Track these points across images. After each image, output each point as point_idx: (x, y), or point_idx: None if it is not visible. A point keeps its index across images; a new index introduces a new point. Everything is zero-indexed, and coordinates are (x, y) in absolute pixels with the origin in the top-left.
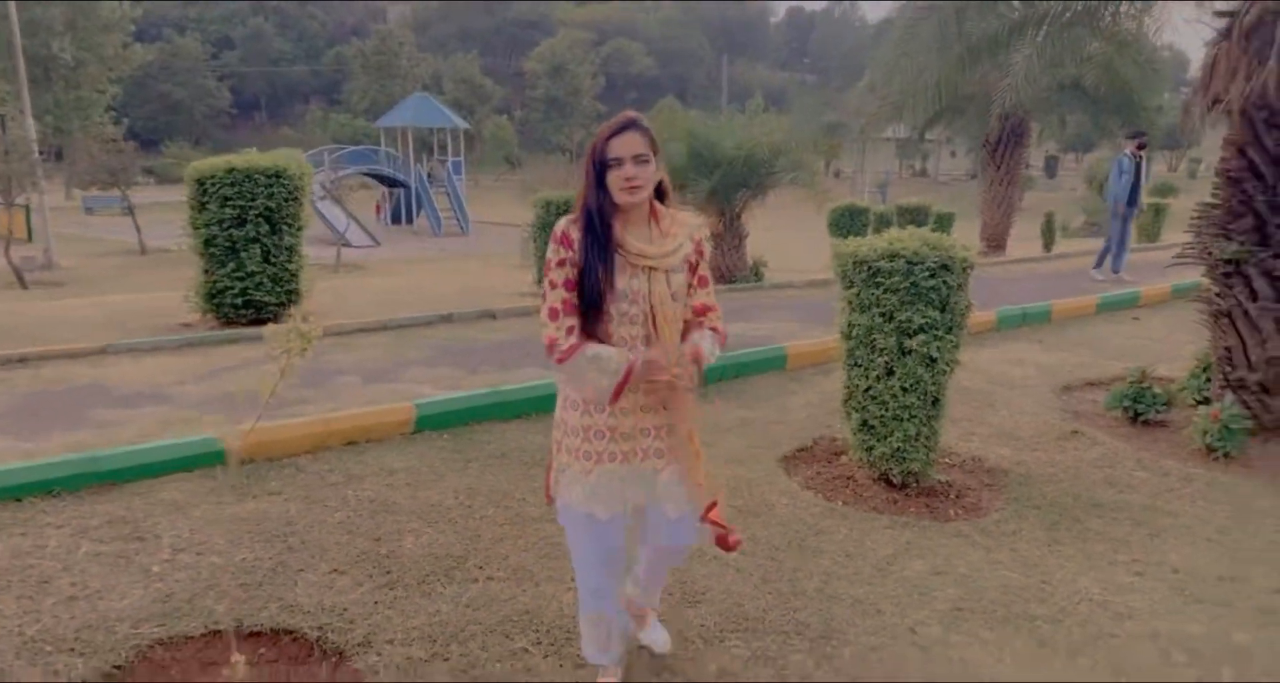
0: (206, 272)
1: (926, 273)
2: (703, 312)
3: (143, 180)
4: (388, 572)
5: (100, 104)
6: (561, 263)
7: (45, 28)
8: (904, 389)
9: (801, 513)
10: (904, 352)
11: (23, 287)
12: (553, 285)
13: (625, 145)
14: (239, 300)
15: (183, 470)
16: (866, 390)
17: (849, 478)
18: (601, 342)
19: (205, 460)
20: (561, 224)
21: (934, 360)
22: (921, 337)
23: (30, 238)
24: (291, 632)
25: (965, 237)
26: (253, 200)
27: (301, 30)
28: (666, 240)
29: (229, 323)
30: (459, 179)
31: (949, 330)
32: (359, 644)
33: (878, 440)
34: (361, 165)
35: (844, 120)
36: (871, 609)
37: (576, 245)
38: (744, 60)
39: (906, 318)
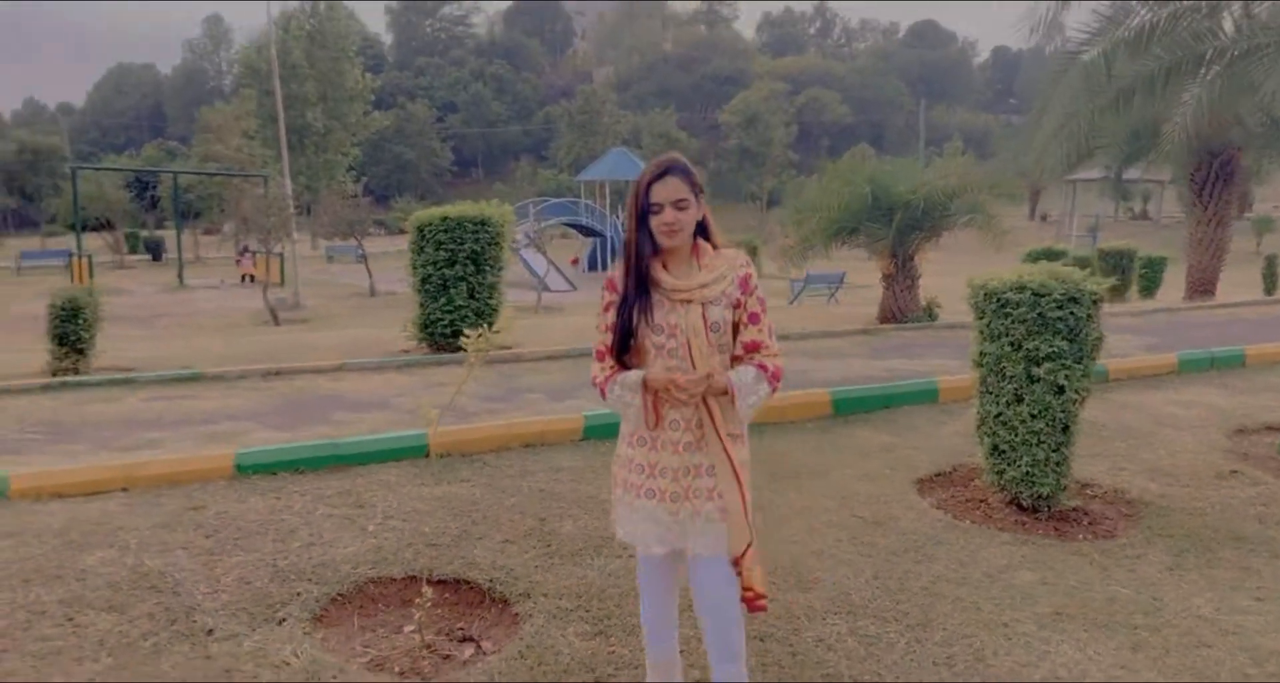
0: (422, 305)
1: (1054, 304)
2: (753, 348)
3: (374, 231)
4: (548, 545)
5: (343, 165)
6: (608, 307)
7: (301, 100)
8: (1032, 416)
9: (924, 526)
10: (1032, 379)
11: (276, 323)
12: (599, 329)
13: (666, 191)
14: (448, 330)
15: (396, 459)
16: (997, 416)
17: (982, 501)
18: None
19: (413, 452)
20: (611, 272)
21: (1062, 389)
22: (1049, 365)
23: (283, 282)
24: (469, 582)
25: (1177, 282)
26: (461, 244)
27: (515, 94)
28: (703, 274)
29: (439, 349)
30: None
31: (1078, 360)
32: (520, 594)
33: (1008, 465)
34: (562, 216)
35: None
36: (971, 607)
37: (619, 286)
38: (944, 104)
39: (1034, 347)
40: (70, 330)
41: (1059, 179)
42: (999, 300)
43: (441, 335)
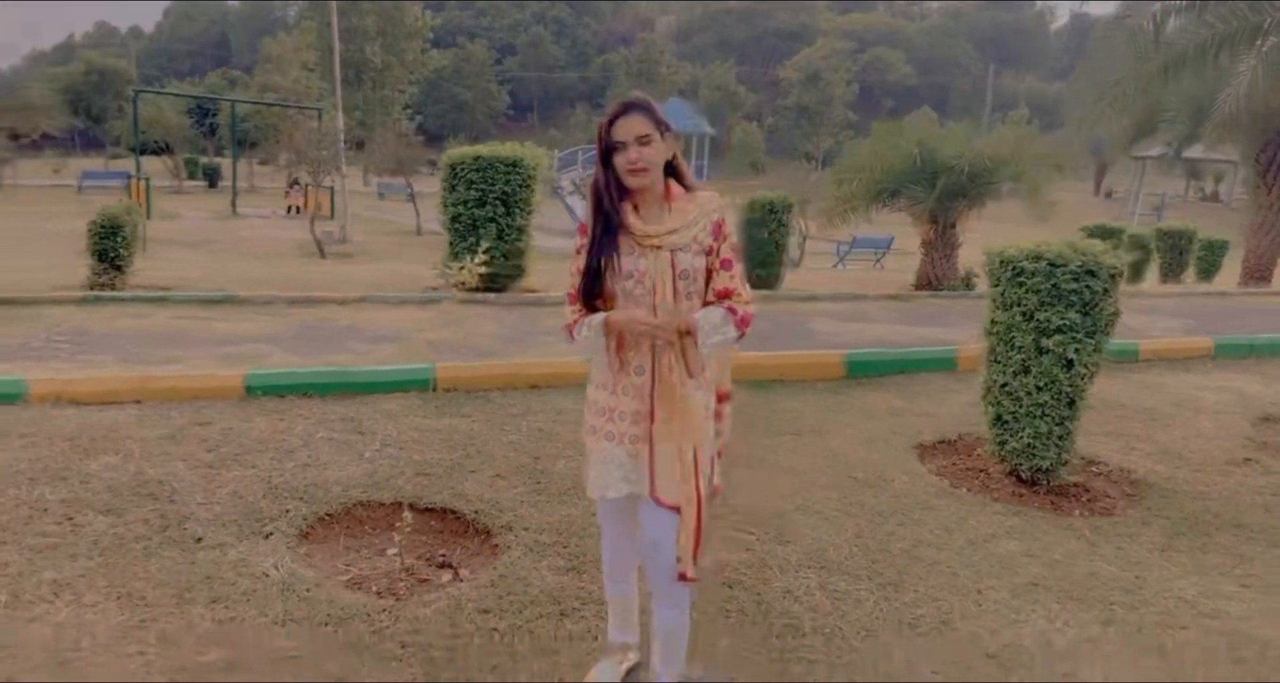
0: (451, 244)
1: (1069, 276)
2: (725, 294)
3: (425, 171)
4: (538, 482)
5: (399, 102)
6: (579, 250)
7: (360, 34)
8: (1038, 387)
9: (917, 491)
10: (1040, 351)
11: (321, 256)
12: (571, 273)
13: (628, 128)
14: (476, 270)
15: (402, 390)
16: (1003, 386)
17: (981, 470)
18: None
19: (419, 385)
20: (585, 220)
21: (1071, 362)
22: (1059, 337)
23: (333, 215)
24: (455, 512)
25: (1237, 267)
26: (493, 185)
27: (575, 38)
28: (673, 218)
29: (468, 288)
30: (702, 182)
31: (1090, 334)
32: (503, 526)
33: (1010, 435)
34: None
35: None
36: (947, 571)
37: (592, 231)
38: (1014, 70)
39: (1045, 318)
40: (109, 247)
41: (1118, 153)
42: (1014, 269)
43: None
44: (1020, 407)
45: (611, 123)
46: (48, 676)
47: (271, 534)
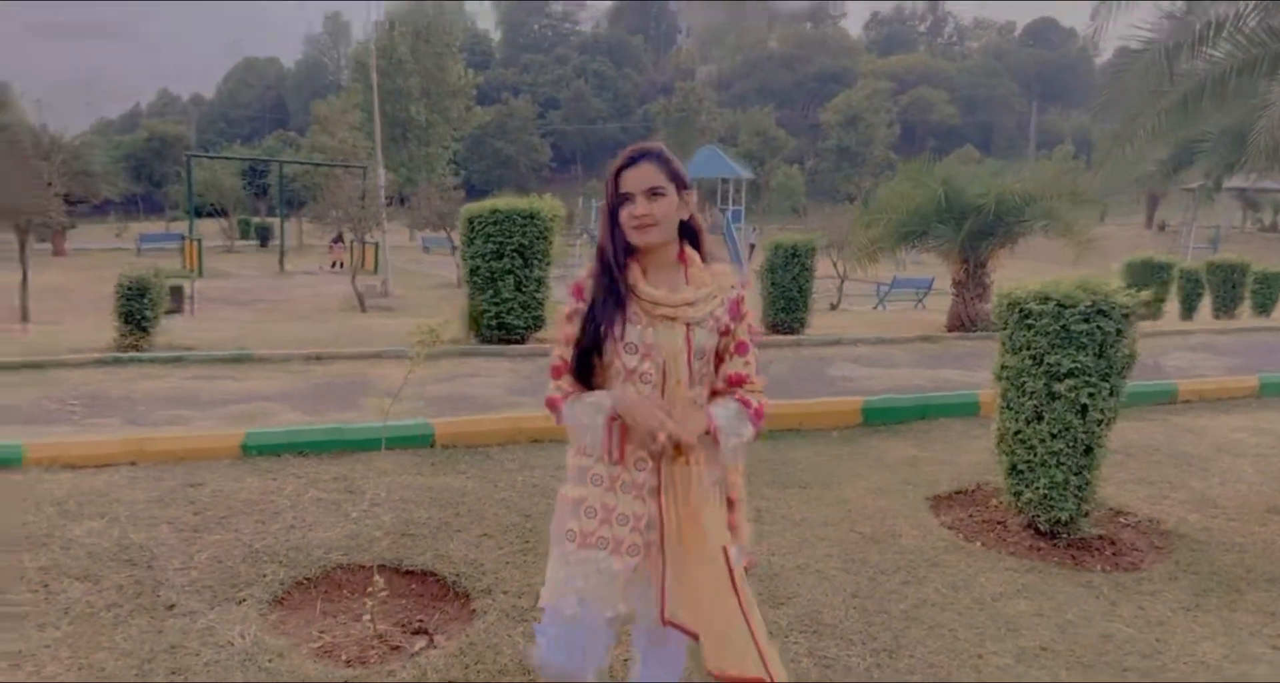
0: (470, 297)
1: (1079, 317)
2: (737, 382)
3: None
4: (525, 541)
5: (444, 158)
6: (570, 317)
7: (405, 94)
8: (1052, 435)
9: (925, 546)
10: (1053, 396)
11: (362, 310)
12: (558, 341)
13: (638, 178)
14: (494, 322)
15: (400, 447)
16: (1016, 434)
17: (998, 522)
18: None
19: (419, 441)
20: (579, 274)
21: (1085, 408)
22: (1070, 382)
23: (376, 270)
24: (435, 574)
25: None
26: (510, 237)
27: (616, 91)
28: (690, 290)
29: (485, 341)
30: (738, 227)
31: (1104, 378)
32: (482, 590)
33: (1025, 485)
34: None
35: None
36: (948, 635)
37: (587, 293)
38: (1059, 106)
39: (1055, 361)
40: (135, 309)
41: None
42: (1021, 311)
43: (488, 327)
44: (1034, 455)
45: (619, 173)
46: None
47: (245, 600)
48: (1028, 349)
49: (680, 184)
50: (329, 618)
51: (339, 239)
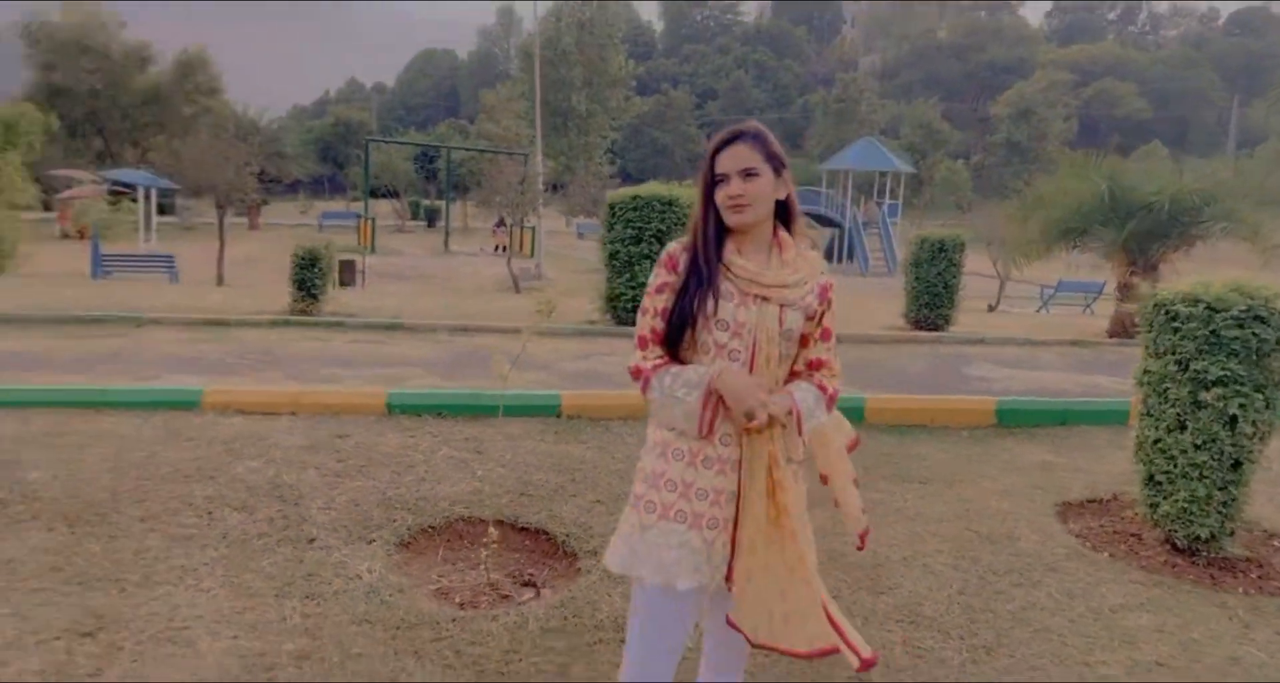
0: (608, 280)
1: (1231, 322)
2: (817, 366)
3: None
4: None
5: (601, 147)
6: (661, 289)
7: (568, 84)
8: (1195, 446)
9: (1045, 551)
10: (1198, 405)
11: (516, 291)
12: (644, 312)
13: (733, 158)
14: (629, 305)
15: (528, 415)
16: (1155, 443)
17: (1133, 535)
18: None
19: (546, 411)
20: (671, 247)
21: (1235, 419)
22: (1218, 390)
23: (532, 254)
24: (548, 532)
25: None
26: (648, 223)
27: (776, 81)
28: (785, 271)
29: (620, 322)
30: (893, 222)
31: (1258, 389)
32: (589, 551)
33: (1162, 497)
34: (800, 205)
35: None
36: (1055, 639)
37: (681, 268)
38: (1266, 101)
39: (1202, 368)
40: (307, 277)
41: None
42: (1167, 313)
43: (624, 309)
44: (1174, 466)
45: (716, 153)
46: (153, 647)
47: (374, 541)
48: (1172, 354)
49: (777, 164)
50: (448, 564)
51: (501, 223)
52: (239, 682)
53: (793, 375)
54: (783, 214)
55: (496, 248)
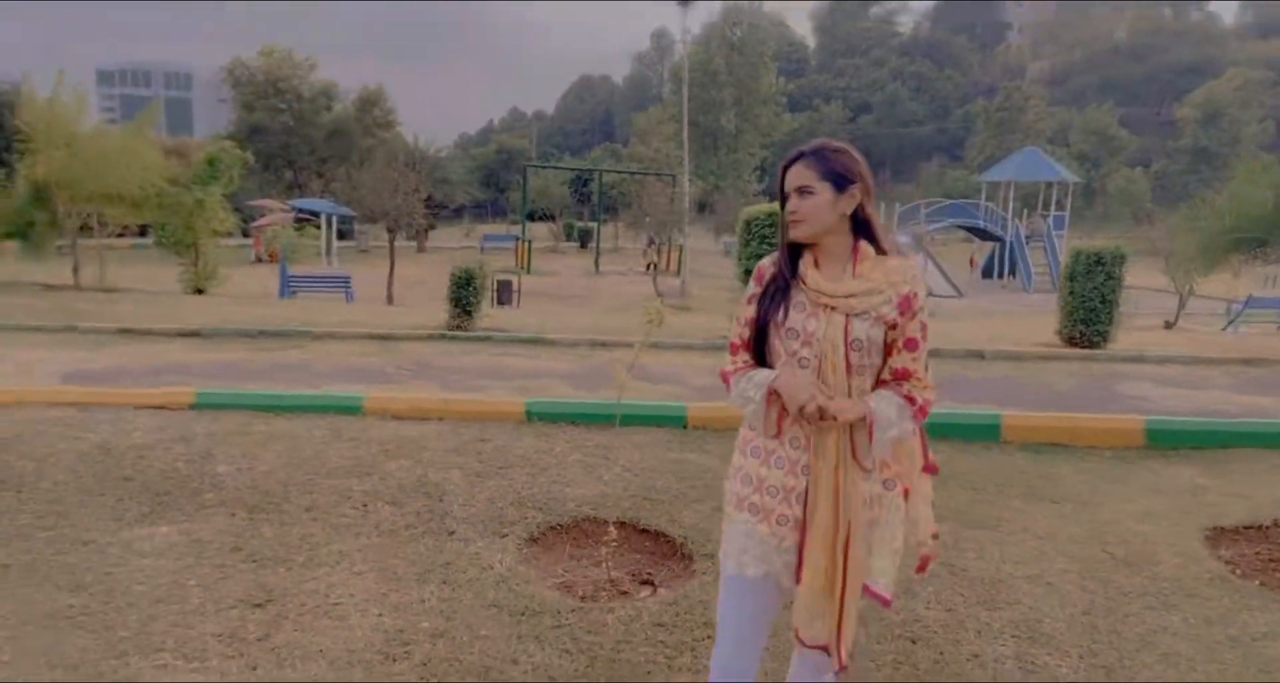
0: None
1: None
2: (903, 376)
3: None
4: None
5: (750, 165)
6: (750, 299)
7: (718, 105)
8: None
9: (1187, 576)
10: None
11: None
12: (736, 321)
13: (792, 177)
14: None
15: (656, 425)
16: None
17: None
18: None
19: (674, 422)
20: (763, 260)
21: None
22: None
23: (679, 272)
24: (667, 535)
25: None
26: None
27: (934, 92)
28: (855, 283)
29: None
30: (1059, 235)
31: None
32: (705, 555)
33: None
34: (956, 218)
35: None
36: (1184, 665)
37: (765, 280)
38: None
39: None
40: (463, 295)
41: None
42: None
43: None
44: None
45: (784, 172)
46: (311, 620)
47: (507, 535)
48: None
49: (838, 181)
50: (573, 560)
51: (651, 242)
52: (381, 653)
53: (880, 385)
54: (861, 226)
55: (647, 267)
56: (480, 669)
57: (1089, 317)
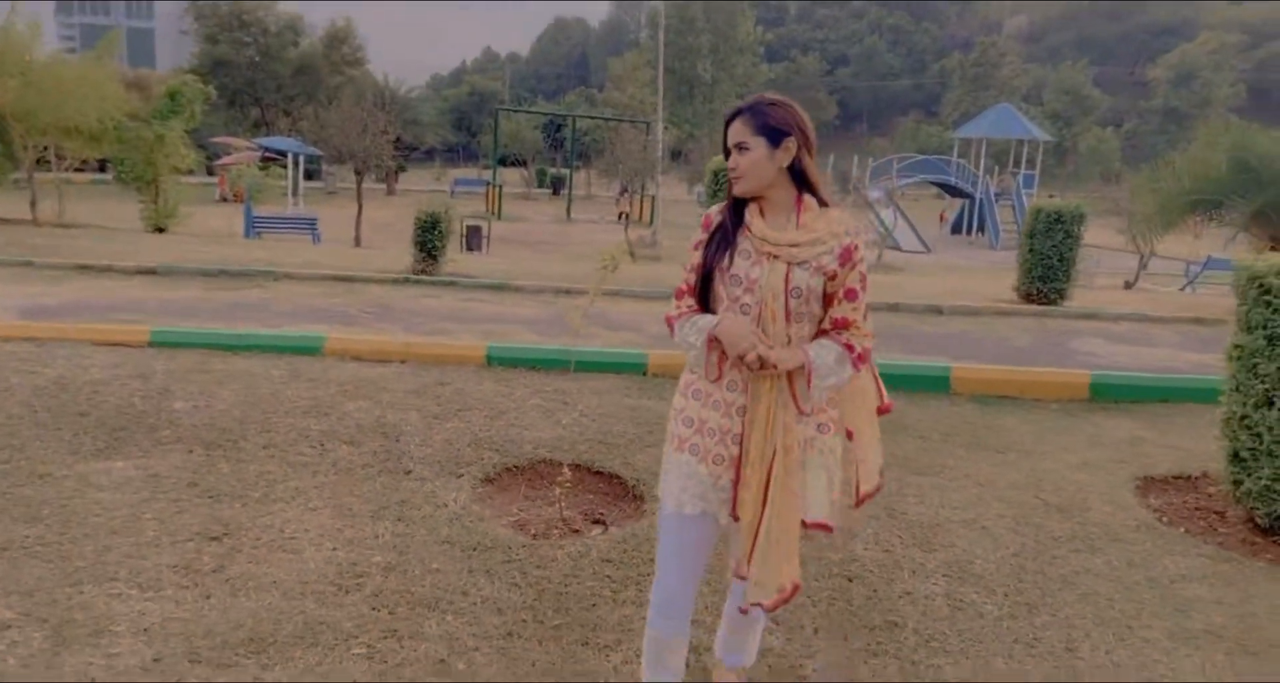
0: None
1: None
2: (843, 325)
3: None
4: None
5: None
6: (697, 246)
7: (694, 52)
8: None
9: (1115, 522)
10: None
11: (632, 258)
12: (685, 268)
13: (730, 134)
14: None
15: (616, 372)
16: (1242, 419)
17: (1216, 512)
18: None
19: (633, 368)
20: (711, 209)
21: None
22: None
23: (651, 222)
24: (620, 477)
25: None
26: None
27: (912, 46)
28: (797, 232)
29: None
30: (1029, 193)
31: None
32: (655, 496)
33: (1246, 475)
34: (927, 174)
35: None
36: (1103, 603)
37: (712, 227)
38: None
39: None
40: (428, 239)
41: None
42: (1261, 285)
43: None
44: (1260, 443)
45: (726, 128)
46: (266, 552)
47: (463, 475)
48: (1263, 328)
49: (772, 135)
50: (527, 500)
51: (624, 191)
52: (334, 584)
53: (820, 334)
54: (800, 178)
55: (620, 215)
56: (430, 601)
57: (1046, 274)
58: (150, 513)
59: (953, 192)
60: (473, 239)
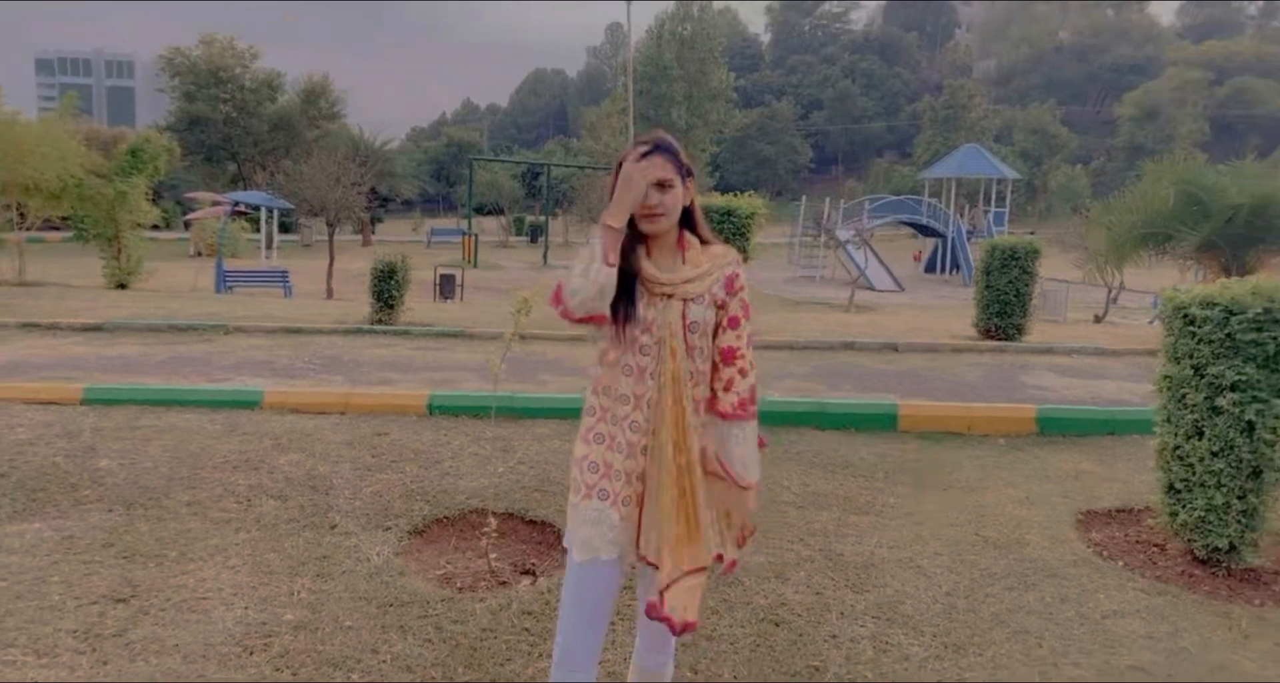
0: None
1: (1248, 325)
2: (729, 356)
3: None
4: None
5: (701, 161)
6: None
7: (668, 99)
8: (1212, 453)
9: (1052, 558)
10: (1215, 411)
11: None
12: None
13: (654, 171)
14: None
15: (559, 417)
16: (1174, 450)
17: (1156, 546)
18: (623, 373)
19: (575, 413)
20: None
21: (1252, 426)
22: (1234, 396)
23: None
24: (554, 526)
25: None
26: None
27: (885, 90)
28: (687, 269)
29: None
30: (1000, 230)
31: (1277, 394)
32: None
33: (1181, 506)
34: (899, 214)
35: None
36: (1032, 641)
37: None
38: None
39: (1218, 373)
40: (385, 289)
41: None
42: (1185, 316)
43: None
44: (1193, 474)
45: (627, 164)
46: (174, 614)
47: (390, 528)
48: (1190, 358)
49: (686, 174)
50: (457, 552)
51: None
52: (240, 645)
53: (712, 371)
54: (685, 218)
55: None
56: (337, 659)
57: (1003, 309)
58: (58, 576)
59: (924, 231)
60: (446, 287)
